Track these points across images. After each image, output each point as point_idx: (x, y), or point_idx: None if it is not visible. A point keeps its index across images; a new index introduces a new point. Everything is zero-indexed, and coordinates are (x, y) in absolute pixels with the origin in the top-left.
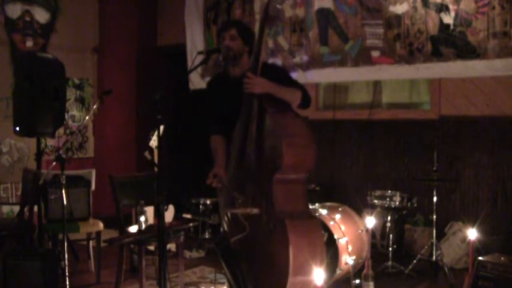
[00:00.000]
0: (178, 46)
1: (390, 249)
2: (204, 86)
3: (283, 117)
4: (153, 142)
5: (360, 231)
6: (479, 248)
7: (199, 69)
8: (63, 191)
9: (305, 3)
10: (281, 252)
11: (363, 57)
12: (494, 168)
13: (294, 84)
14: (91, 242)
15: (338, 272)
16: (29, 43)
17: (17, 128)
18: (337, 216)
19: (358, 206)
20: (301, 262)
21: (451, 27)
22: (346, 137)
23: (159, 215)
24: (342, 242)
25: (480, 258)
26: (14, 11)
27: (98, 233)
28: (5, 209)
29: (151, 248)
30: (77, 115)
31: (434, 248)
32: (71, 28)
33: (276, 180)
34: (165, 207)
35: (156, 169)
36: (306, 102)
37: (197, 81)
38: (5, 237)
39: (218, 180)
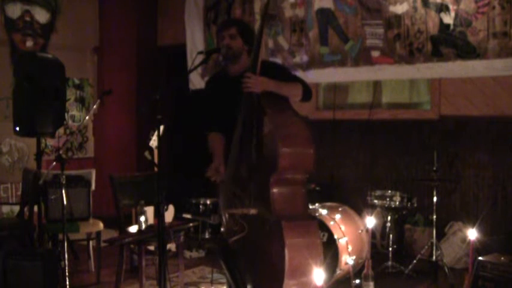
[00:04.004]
0: (178, 46)
1: (390, 249)
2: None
3: (281, 117)
4: (153, 142)
5: (360, 231)
6: (479, 248)
7: (199, 69)
8: (63, 191)
9: (305, 3)
10: (277, 254)
11: (363, 57)
12: (494, 168)
13: (294, 78)
14: (91, 242)
15: (338, 272)
16: (29, 43)
17: (17, 128)
18: (337, 216)
19: (358, 206)
20: (297, 264)
21: (451, 27)
22: (346, 137)
23: (159, 215)
24: (342, 242)
25: (480, 258)
26: (14, 11)
27: (98, 233)
28: (5, 209)
29: (151, 248)
30: (77, 115)
31: (434, 248)
32: (71, 28)
33: (273, 180)
34: (165, 207)
35: (156, 169)
36: (307, 95)
37: (197, 81)
38: (5, 237)
39: (219, 175)
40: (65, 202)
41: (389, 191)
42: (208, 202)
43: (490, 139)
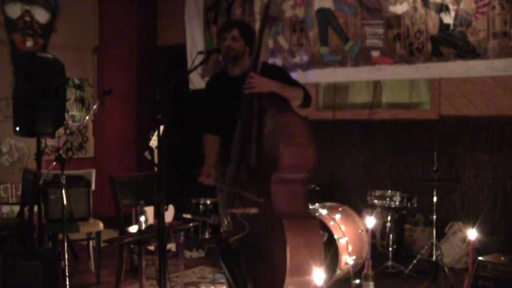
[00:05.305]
0: (178, 46)
1: (390, 249)
2: (204, 86)
3: (283, 117)
4: (153, 142)
5: (360, 231)
6: (479, 248)
7: (199, 69)
8: (63, 191)
9: (305, 3)
10: (279, 252)
11: (363, 57)
12: (494, 168)
13: (295, 83)
14: (91, 242)
15: (338, 272)
16: (29, 43)
17: (17, 128)
18: (337, 216)
19: (358, 206)
20: (298, 262)
21: (451, 27)
22: (346, 137)
23: (159, 215)
24: (342, 242)
25: (480, 258)
26: (14, 11)
27: (98, 233)
28: (5, 209)
29: (151, 248)
30: (77, 115)
31: (434, 248)
32: (71, 28)
33: (274, 179)
34: (165, 207)
35: (156, 169)
36: (307, 101)
37: (197, 81)
38: (5, 237)
39: (213, 179)
40: (65, 202)
41: (389, 191)
42: (208, 202)
43: (490, 139)
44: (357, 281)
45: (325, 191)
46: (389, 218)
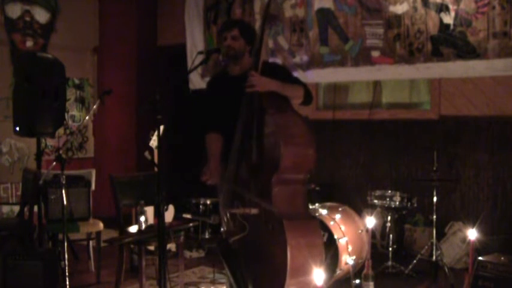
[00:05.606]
0: (178, 46)
1: (390, 249)
2: (204, 86)
3: (283, 118)
4: (153, 142)
5: (360, 231)
6: (479, 248)
7: (199, 69)
8: (63, 191)
9: (305, 3)
10: (279, 253)
11: (363, 57)
12: (494, 168)
13: (296, 81)
14: (91, 242)
15: (338, 272)
16: (29, 43)
17: (17, 128)
18: (337, 216)
19: (358, 206)
20: (299, 263)
21: (451, 27)
22: (346, 137)
23: (159, 215)
24: (342, 242)
25: (480, 258)
26: (14, 11)
27: (98, 233)
28: (5, 209)
29: (151, 248)
30: (77, 115)
31: (434, 248)
32: (71, 28)
33: (275, 180)
34: (165, 207)
35: (156, 169)
36: (308, 98)
37: (197, 81)
38: (5, 237)
39: (215, 178)
40: (65, 202)
41: (389, 191)
42: (208, 202)
43: (490, 139)
44: (357, 281)
45: (325, 191)
46: (389, 218)
